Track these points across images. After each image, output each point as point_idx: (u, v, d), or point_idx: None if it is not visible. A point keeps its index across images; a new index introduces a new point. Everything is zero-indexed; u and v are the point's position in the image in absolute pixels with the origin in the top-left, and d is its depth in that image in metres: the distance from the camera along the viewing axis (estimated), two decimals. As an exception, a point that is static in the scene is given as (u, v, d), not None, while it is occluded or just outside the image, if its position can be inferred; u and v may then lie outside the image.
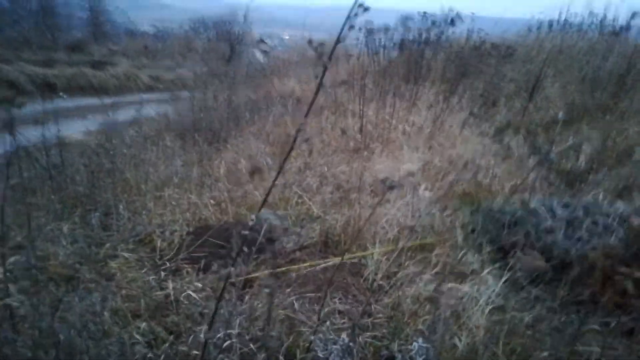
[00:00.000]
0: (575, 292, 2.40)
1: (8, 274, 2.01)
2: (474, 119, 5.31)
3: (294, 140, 1.32)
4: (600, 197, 3.42)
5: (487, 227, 3.07)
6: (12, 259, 2.24)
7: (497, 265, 2.56)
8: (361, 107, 5.03)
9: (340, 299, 2.26)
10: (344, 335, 1.79)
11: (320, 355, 1.66)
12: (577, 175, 4.21)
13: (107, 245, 2.77)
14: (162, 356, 1.70)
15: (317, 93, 1.34)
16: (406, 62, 6.84)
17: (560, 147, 4.62)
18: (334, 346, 1.66)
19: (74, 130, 5.68)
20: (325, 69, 1.30)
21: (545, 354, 1.86)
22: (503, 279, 2.30)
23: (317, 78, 1.30)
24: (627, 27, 6.88)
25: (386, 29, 6.71)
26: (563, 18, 8.42)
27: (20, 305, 1.72)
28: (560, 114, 3.82)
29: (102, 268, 2.52)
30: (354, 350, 1.70)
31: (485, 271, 2.42)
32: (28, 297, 1.70)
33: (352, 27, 1.24)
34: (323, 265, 2.63)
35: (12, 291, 1.94)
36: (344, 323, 2.03)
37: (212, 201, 3.45)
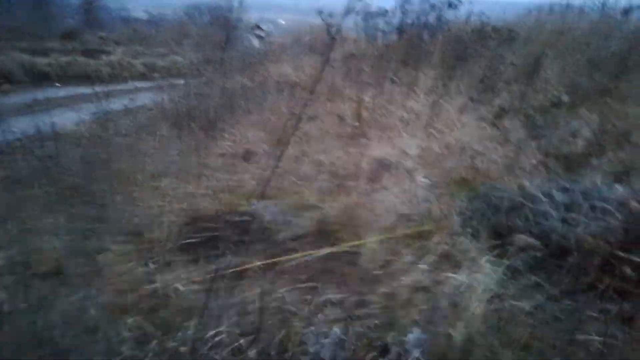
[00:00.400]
0: (575, 278, 2.36)
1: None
2: (472, 103, 5.24)
3: (297, 120, 1.25)
4: (599, 181, 3.37)
5: (484, 213, 3.03)
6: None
7: (495, 252, 2.52)
8: (358, 92, 4.96)
9: (334, 289, 2.23)
10: (336, 327, 1.76)
11: (312, 350, 1.63)
12: (576, 159, 4.16)
13: (101, 237, 2.72)
14: (150, 354, 1.66)
15: (323, 69, 1.27)
16: (404, 47, 6.74)
17: (559, 130, 4.55)
18: (326, 340, 1.63)
19: (68, 119, 5.61)
20: (333, 40, 1.24)
21: (544, 342, 1.84)
22: (501, 267, 2.26)
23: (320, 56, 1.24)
24: (630, 9, 6.76)
25: (384, 12, 6.60)
26: (564, -1, 8.26)
27: (3, 302, 1.68)
28: (564, 96, 3.76)
29: (90, 262, 2.48)
30: (346, 343, 1.67)
31: (484, 259, 2.39)
32: (11, 294, 1.66)
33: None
34: (318, 254, 2.60)
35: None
36: (338, 314, 2.00)
37: (209, 191, 3.41)
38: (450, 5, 6.36)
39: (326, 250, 2.61)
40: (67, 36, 12.94)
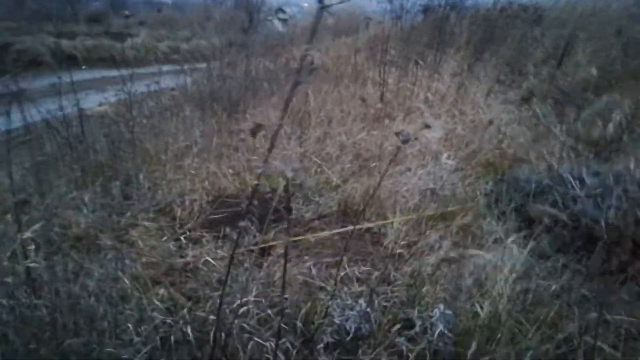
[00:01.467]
0: (604, 261, 2.31)
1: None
2: (499, 86, 5.12)
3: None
4: (632, 165, 3.26)
5: (511, 195, 2.98)
6: (34, 226, 2.27)
7: (522, 234, 2.48)
8: (382, 74, 4.90)
9: (359, 266, 2.23)
10: (361, 300, 1.76)
11: (337, 321, 1.63)
12: (606, 144, 4.04)
13: (128, 214, 2.78)
14: (180, 322, 1.70)
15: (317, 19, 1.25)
16: (430, 28, 6.60)
17: (589, 114, 4.42)
18: (351, 312, 1.64)
19: (94, 101, 5.70)
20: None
21: (572, 323, 1.81)
22: (528, 248, 2.22)
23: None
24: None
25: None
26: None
27: (41, 270, 1.73)
28: (594, 79, 3.63)
29: (122, 236, 2.54)
30: (372, 316, 1.67)
31: (510, 240, 2.35)
32: (49, 262, 1.71)
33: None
34: (341, 230, 2.60)
35: (34, 256, 1.96)
36: (362, 290, 2.00)
37: (230, 171, 3.43)
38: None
39: (350, 228, 2.61)
40: (93, 20, 13.08)
